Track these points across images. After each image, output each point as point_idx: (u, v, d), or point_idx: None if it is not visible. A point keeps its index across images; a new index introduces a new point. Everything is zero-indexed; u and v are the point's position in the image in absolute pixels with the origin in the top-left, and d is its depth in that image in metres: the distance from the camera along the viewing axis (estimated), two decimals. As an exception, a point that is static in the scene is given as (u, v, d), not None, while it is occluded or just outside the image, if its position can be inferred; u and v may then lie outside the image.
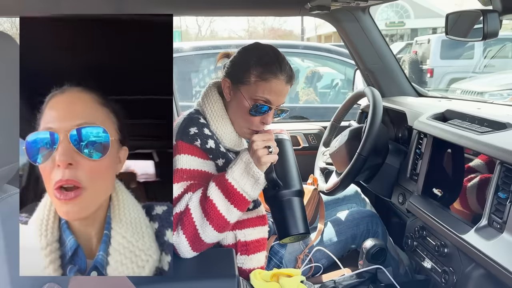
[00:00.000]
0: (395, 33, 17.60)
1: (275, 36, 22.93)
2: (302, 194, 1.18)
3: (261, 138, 1.11)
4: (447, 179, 1.30)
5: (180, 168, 1.13)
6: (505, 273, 0.90)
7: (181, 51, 3.32)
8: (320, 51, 3.74)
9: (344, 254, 1.47)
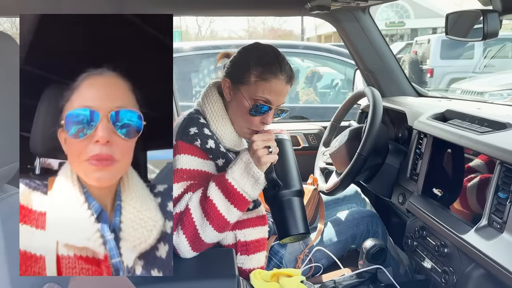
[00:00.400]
0: (395, 33, 17.60)
1: (275, 36, 22.94)
2: (302, 194, 1.18)
3: (261, 138, 1.11)
4: (447, 179, 1.30)
5: (180, 168, 1.13)
6: (505, 273, 0.90)
7: (181, 51, 3.32)
8: (320, 51, 3.74)
9: (344, 254, 1.47)
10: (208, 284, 1.01)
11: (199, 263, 1.09)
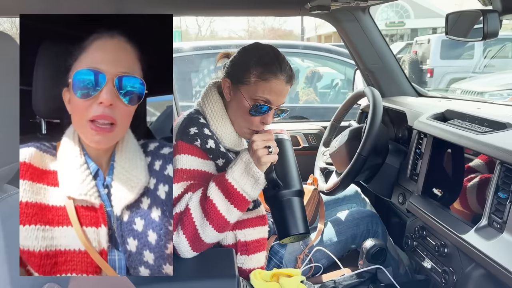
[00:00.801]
0: (395, 33, 17.60)
1: (275, 36, 22.93)
2: (302, 194, 1.18)
3: (261, 138, 1.11)
4: (447, 179, 1.30)
5: (180, 168, 1.13)
6: (505, 273, 0.90)
7: (181, 51, 3.32)
8: (320, 51, 3.73)
9: (344, 254, 1.47)
10: (208, 284, 1.01)
11: (199, 263, 1.09)
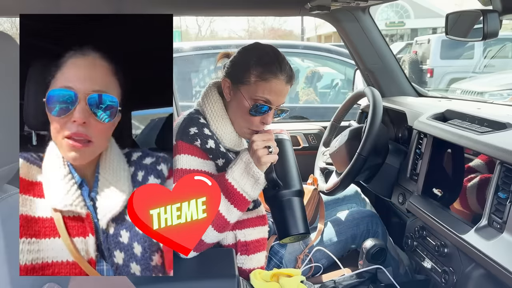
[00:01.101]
0: (395, 33, 17.59)
1: (275, 36, 22.92)
2: (302, 194, 1.18)
3: (261, 138, 1.11)
4: (447, 179, 1.30)
5: (180, 168, 1.13)
6: (505, 273, 0.90)
7: (181, 51, 3.32)
8: (320, 51, 3.73)
9: (344, 254, 1.47)
10: (208, 284, 1.01)
11: (199, 263, 1.09)
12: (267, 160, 1.10)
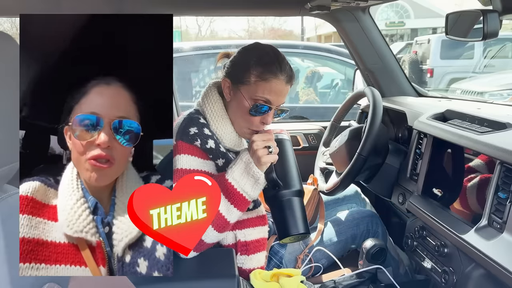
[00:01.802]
0: (395, 33, 17.58)
1: (275, 36, 22.91)
2: (302, 194, 1.18)
3: (261, 138, 1.11)
4: (447, 179, 1.30)
5: (180, 168, 1.13)
6: (505, 273, 0.90)
7: (181, 51, 3.32)
8: (320, 51, 3.73)
9: (344, 254, 1.47)
10: (208, 284, 1.01)
11: (199, 263, 1.09)
12: (267, 160, 1.10)
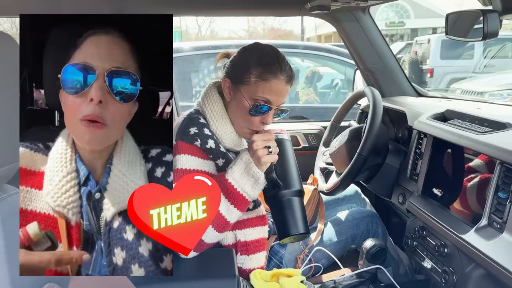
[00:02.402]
0: (395, 33, 17.58)
1: (275, 36, 22.91)
2: (302, 194, 1.18)
3: (261, 138, 1.11)
4: (447, 179, 1.30)
5: (180, 168, 1.13)
6: (505, 273, 0.90)
7: (181, 51, 3.32)
8: (320, 51, 3.73)
9: (344, 254, 1.47)
10: (208, 284, 1.01)
11: (199, 263, 1.09)
12: (267, 160, 1.10)
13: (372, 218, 1.49)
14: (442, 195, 1.28)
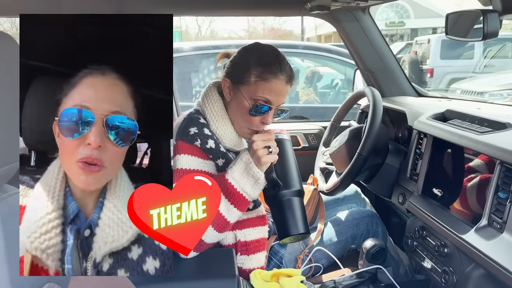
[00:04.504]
0: (395, 33, 17.59)
1: (275, 36, 22.91)
2: (302, 194, 1.18)
3: (261, 138, 1.11)
4: (447, 179, 1.30)
5: (180, 168, 1.13)
6: (505, 273, 0.90)
7: (181, 51, 3.32)
8: (320, 51, 3.73)
9: (344, 254, 1.47)
10: (208, 284, 1.01)
11: (199, 263, 1.09)
12: (267, 160, 1.10)
13: (372, 218, 1.50)
14: (442, 195, 1.28)
